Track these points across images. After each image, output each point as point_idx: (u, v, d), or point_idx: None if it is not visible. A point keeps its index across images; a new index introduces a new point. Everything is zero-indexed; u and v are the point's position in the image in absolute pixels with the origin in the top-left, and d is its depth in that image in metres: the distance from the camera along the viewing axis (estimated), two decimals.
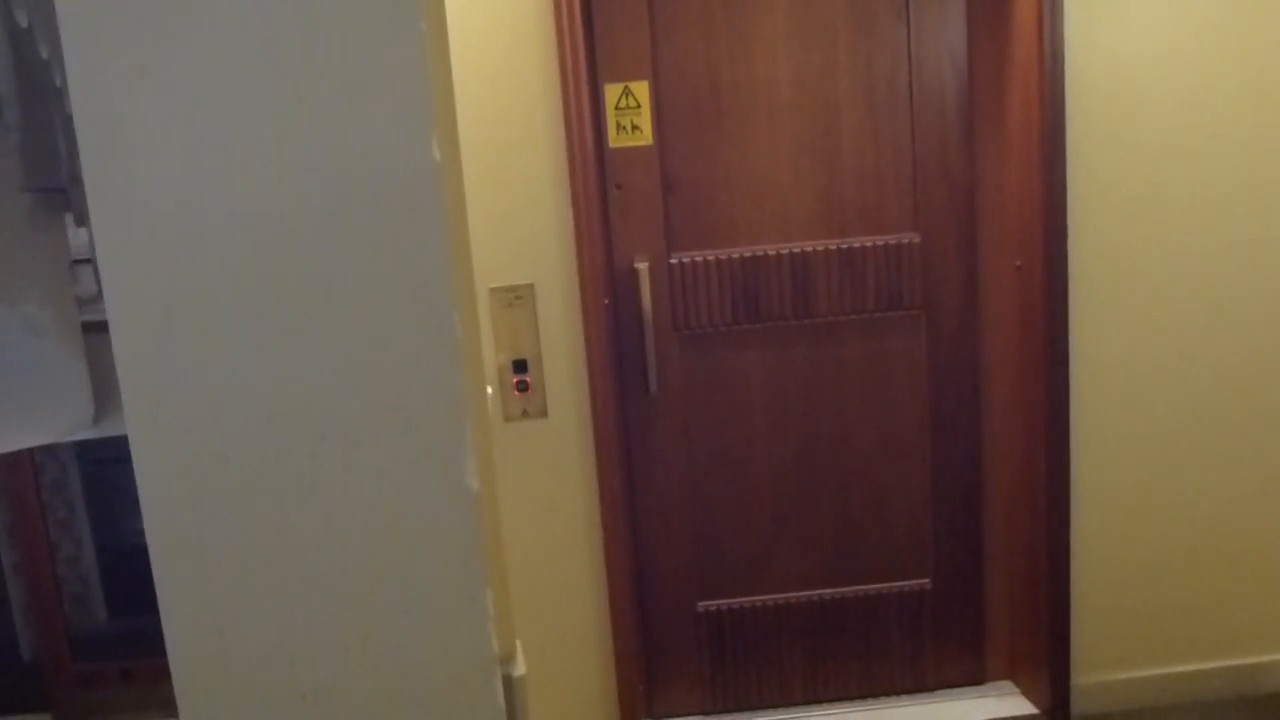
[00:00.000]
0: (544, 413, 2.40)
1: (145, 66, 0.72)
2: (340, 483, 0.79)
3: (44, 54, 1.35)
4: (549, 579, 2.46)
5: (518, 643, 1.03)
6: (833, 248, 2.48)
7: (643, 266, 2.42)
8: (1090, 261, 2.41)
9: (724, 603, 2.62)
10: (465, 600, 0.83)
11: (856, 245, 2.48)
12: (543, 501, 2.43)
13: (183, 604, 0.82)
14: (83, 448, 3.32)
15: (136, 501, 0.80)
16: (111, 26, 0.73)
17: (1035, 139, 2.36)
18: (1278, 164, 2.40)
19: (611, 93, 2.39)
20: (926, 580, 2.64)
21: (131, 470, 0.81)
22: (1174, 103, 2.37)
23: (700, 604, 2.62)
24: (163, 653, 0.84)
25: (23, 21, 1.23)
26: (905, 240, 2.50)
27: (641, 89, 2.39)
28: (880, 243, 2.49)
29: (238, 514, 0.79)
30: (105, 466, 3.45)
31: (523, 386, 2.37)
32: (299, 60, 0.70)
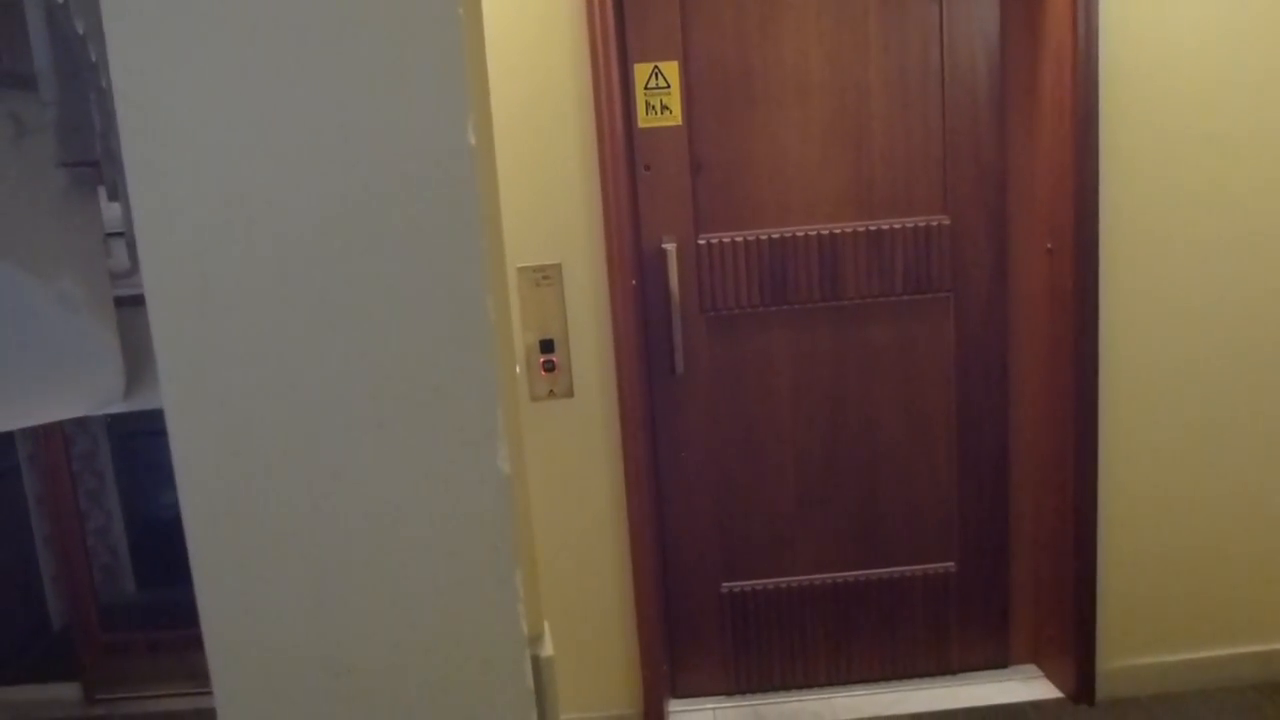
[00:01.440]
0: (570, 393, 2.41)
1: (186, 46, 0.73)
2: (372, 464, 0.80)
3: (80, 29, 1.36)
4: (574, 559, 2.47)
5: (545, 624, 1.04)
6: (861, 230, 2.47)
7: (670, 247, 2.42)
8: (1122, 246, 2.39)
9: (748, 584, 2.63)
10: (495, 582, 0.83)
11: (885, 227, 2.47)
12: (568, 482, 2.44)
13: (216, 580, 0.83)
14: (113, 420, 3.36)
15: (167, 474, 0.81)
16: (153, 5, 0.74)
17: (1068, 121, 2.33)
18: None
19: (641, 73, 2.38)
20: (952, 563, 2.64)
21: (162, 443, 0.82)
22: (1210, 88, 2.34)
23: (724, 585, 2.62)
24: (190, 624, 0.85)
25: None
26: (934, 222, 2.48)
27: (671, 69, 2.38)
28: (909, 225, 2.48)
29: (271, 492, 0.80)
30: (136, 439, 3.49)
31: (549, 366, 2.38)
32: (337, 44, 0.70)
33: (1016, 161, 2.48)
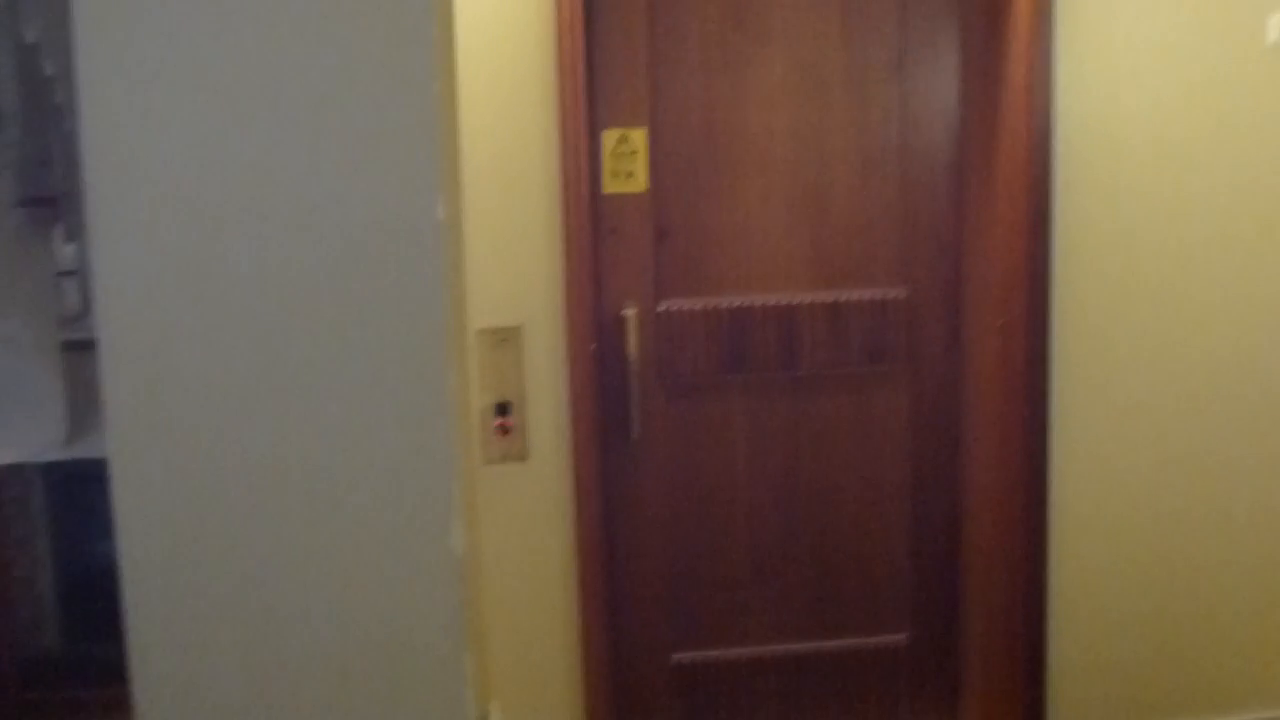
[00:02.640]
0: (524, 456, 2.38)
1: (161, 105, 0.71)
2: (322, 539, 0.78)
3: (48, 71, 1.34)
4: (520, 625, 2.43)
5: (494, 702, 1.02)
6: (820, 301, 2.48)
7: (631, 313, 2.42)
8: (1073, 322, 2.42)
9: (700, 654, 2.59)
10: (444, 665, 0.81)
11: (843, 299, 2.49)
12: (518, 547, 2.40)
13: (152, 643, 0.80)
14: (49, 464, 3.26)
15: (104, 522, 0.78)
16: (130, 62, 0.72)
17: (1022, 199, 2.38)
18: (1263, 226, 2.43)
19: (609, 138, 2.40)
20: (904, 635, 2.63)
21: (101, 490, 0.79)
22: (1161, 168, 2.40)
23: (675, 656, 2.59)
24: (119, 682, 0.81)
25: (30, 37, 1.22)
26: (892, 295, 2.50)
27: (639, 136, 2.40)
28: (867, 297, 2.50)
29: (217, 560, 0.77)
30: (72, 484, 3.39)
31: (504, 429, 2.36)
32: (312, 113, 0.70)
33: (972, 237, 2.52)
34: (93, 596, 3.38)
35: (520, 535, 2.40)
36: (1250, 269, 2.44)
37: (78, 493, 3.42)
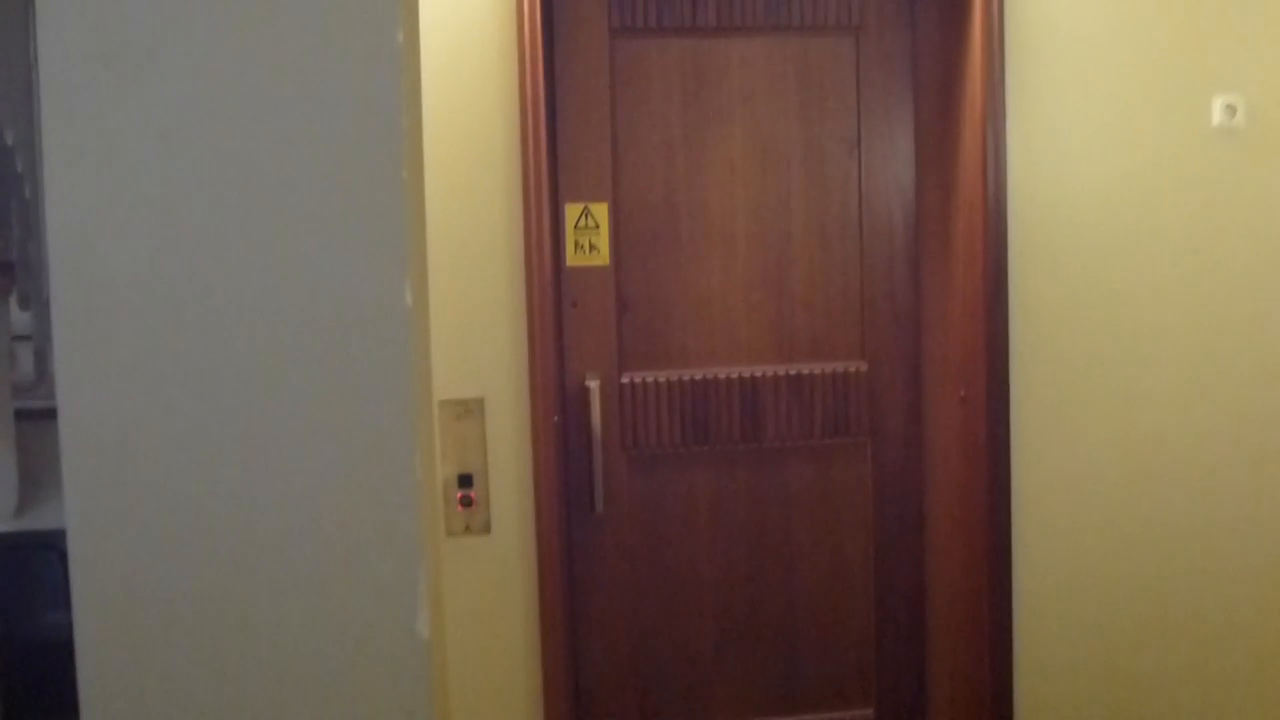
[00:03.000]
0: (487, 529, 2.37)
1: (128, 183, 0.72)
2: (285, 621, 0.77)
3: (8, 140, 1.34)
4: (484, 702, 2.39)
5: None
6: (782, 373, 2.51)
7: (594, 385, 2.42)
8: (1033, 393, 2.46)
9: None
10: None
11: (805, 372, 2.51)
12: (480, 621, 2.37)
13: None
14: None
15: (52, 594, 0.77)
16: (97, 141, 0.73)
17: (978, 271, 2.42)
18: (1213, 302, 2.49)
19: (571, 212, 2.43)
20: (870, 710, 2.61)
21: (49, 562, 0.78)
22: (1110, 245, 2.46)
23: None
24: None
25: None
26: (852, 368, 2.53)
27: (601, 210, 2.43)
28: (828, 370, 2.52)
29: (178, 641, 0.76)
30: (21, 555, 3.31)
31: (466, 501, 2.34)
32: (280, 199, 0.70)
33: (931, 311, 2.56)
34: (38, 670, 3.28)
35: (483, 609, 2.37)
36: (1198, 345, 2.50)
37: (25, 564, 3.34)
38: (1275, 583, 2.57)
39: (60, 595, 2.48)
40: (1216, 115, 2.43)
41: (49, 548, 2.36)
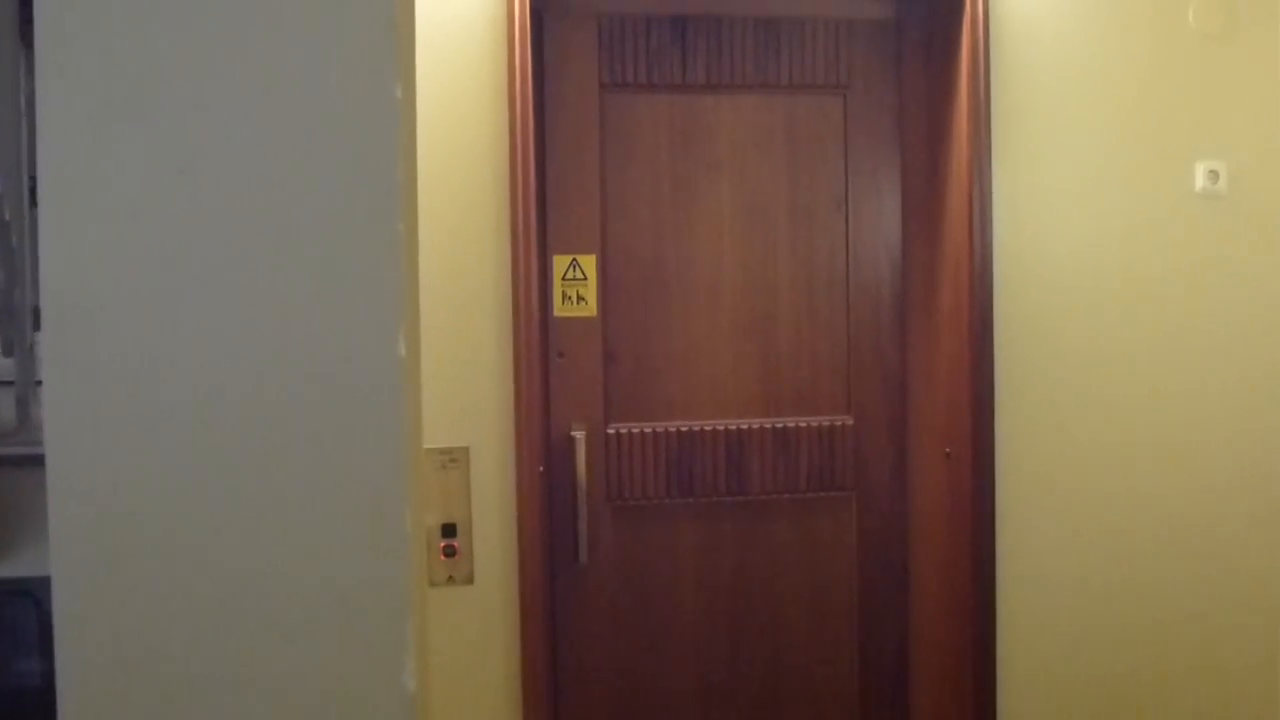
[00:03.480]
0: (470, 579, 2.35)
1: (120, 232, 0.72)
2: (272, 673, 0.76)
3: None
4: None
5: None
6: (767, 426, 2.51)
7: (580, 435, 2.42)
8: (1018, 450, 2.47)
9: None
10: None
11: (790, 425, 2.52)
12: (462, 671, 2.35)
13: None
14: None
15: (26, 642, 0.76)
16: (91, 183, 0.73)
17: (964, 330, 2.44)
18: (1198, 360, 2.51)
19: (560, 263, 2.44)
20: None
21: (24, 609, 0.77)
22: (1096, 302, 2.48)
23: None
24: None
25: None
26: (838, 422, 2.54)
27: (589, 262, 2.44)
28: (814, 423, 2.53)
29: (162, 693, 0.75)
30: None
31: (450, 551, 2.33)
32: (276, 250, 0.71)
33: (917, 366, 2.57)
34: (13, 716, 3.22)
35: (465, 659, 2.35)
36: (1179, 405, 2.52)
37: (2, 612, 3.29)
38: (1258, 634, 2.57)
39: (36, 643, 2.44)
40: (1199, 180, 2.47)
41: (25, 594, 2.33)
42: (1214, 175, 2.47)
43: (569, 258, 2.44)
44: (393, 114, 0.73)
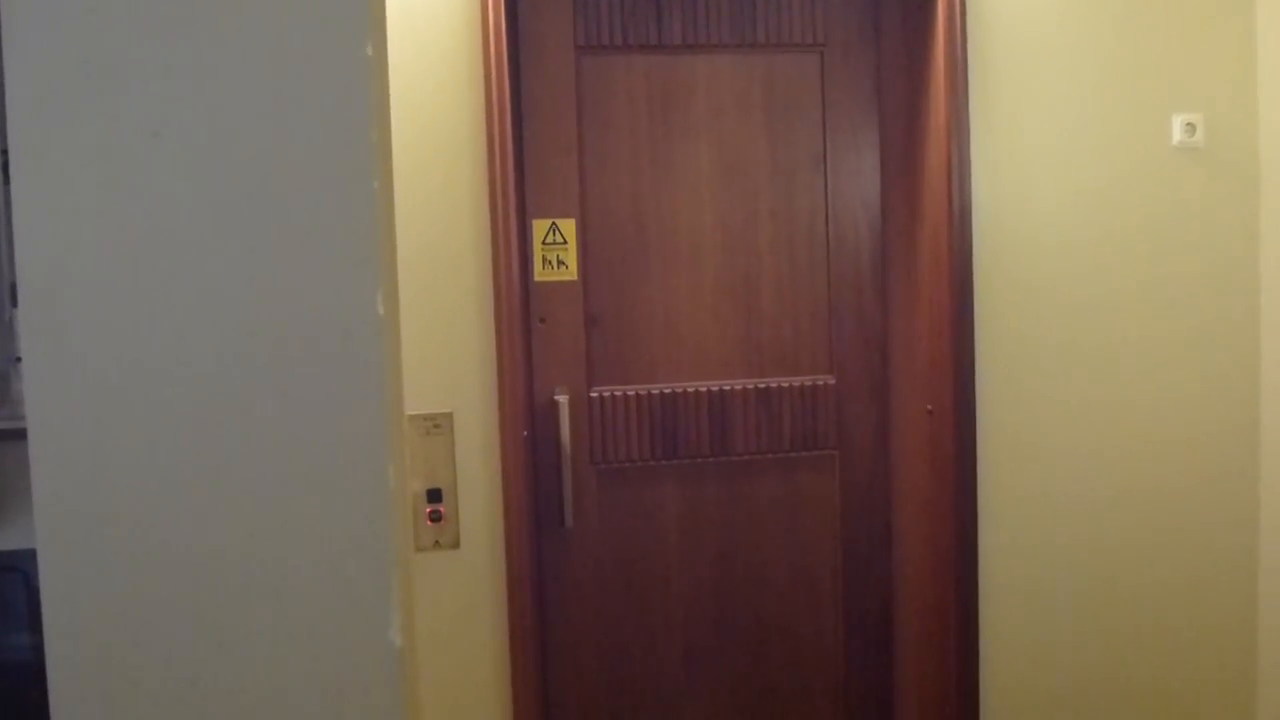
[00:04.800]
0: (456, 544, 2.36)
1: (96, 196, 0.72)
2: (259, 631, 0.77)
3: None
4: (450, 715, 2.38)
5: None
6: (750, 387, 2.52)
7: (563, 399, 2.43)
8: (999, 404, 2.49)
9: None
10: None
11: (773, 385, 2.53)
12: (449, 636, 2.37)
13: None
14: None
15: (13, 616, 0.76)
16: (64, 155, 0.73)
17: (944, 287, 2.45)
18: (1173, 317, 2.53)
19: (539, 228, 2.43)
20: None
21: (8, 583, 0.77)
22: (1071, 262, 2.49)
23: None
24: None
25: None
26: (820, 382, 2.55)
27: (569, 226, 2.44)
28: (796, 383, 2.54)
29: (150, 655, 0.76)
30: None
31: (435, 517, 2.34)
32: (252, 211, 0.71)
33: (897, 325, 2.58)
34: (6, 692, 3.23)
35: (452, 624, 2.36)
36: (1157, 359, 2.54)
37: None
38: (1235, 585, 2.61)
39: (24, 617, 2.45)
40: (1176, 133, 2.48)
41: (12, 569, 2.33)
42: (1191, 128, 2.48)
43: (548, 222, 2.44)
44: (364, 72, 0.73)
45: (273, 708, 0.77)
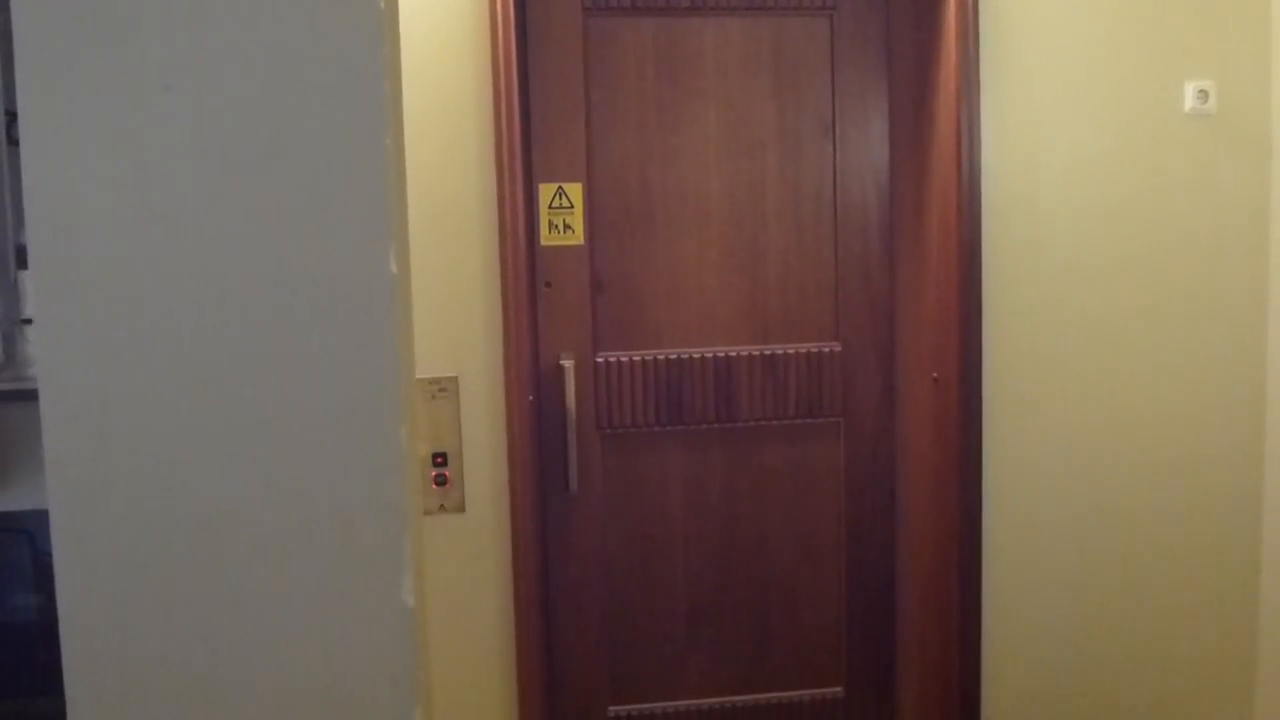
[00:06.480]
0: (461, 508, 2.36)
1: (108, 155, 0.71)
2: (271, 590, 0.77)
3: None
4: (457, 679, 2.39)
5: None
6: (756, 353, 2.51)
7: (568, 364, 2.42)
8: (1005, 373, 2.48)
9: (637, 707, 2.57)
10: (394, 719, 0.80)
11: (779, 352, 2.52)
12: (454, 599, 2.38)
13: (93, 705, 0.77)
14: None
15: (19, 576, 0.76)
16: (75, 110, 0.72)
17: (952, 254, 2.44)
18: (1183, 285, 2.52)
19: (546, 192, 2.42)
20: (840, 688, 2.64)
21: (15, 544, 0.77)
22: (1082, 229, 2.48)
23: (612, 708, 2.57)
24: None
25: None
26: (826, 349, 2.55)
27: (575, 190, 2.42)
28: (802, 350, 2.53)
29: (163, 614, 0.76)
30: None
31: (441, 480, 2.34)
32: (265, 168, 0.70)
33: (904, 292, 2.57)
34: (11, 651, 3.25)
35: (457, 587, 2.37)
36: (1168, 328, 2.53)
37: None
38: (1238, 562, 2.61)
39: (28, 578, 2.45)
40: (1189, 100, 2.46)
41: (17, 530, 2.33)
42: (1204, 95, 2.45)
43: (555, 186, 2.42)
44: (377, 25, 0.72)
45: (286, 668, 0.77)
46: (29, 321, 1.88)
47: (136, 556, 0.75)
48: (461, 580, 2.37)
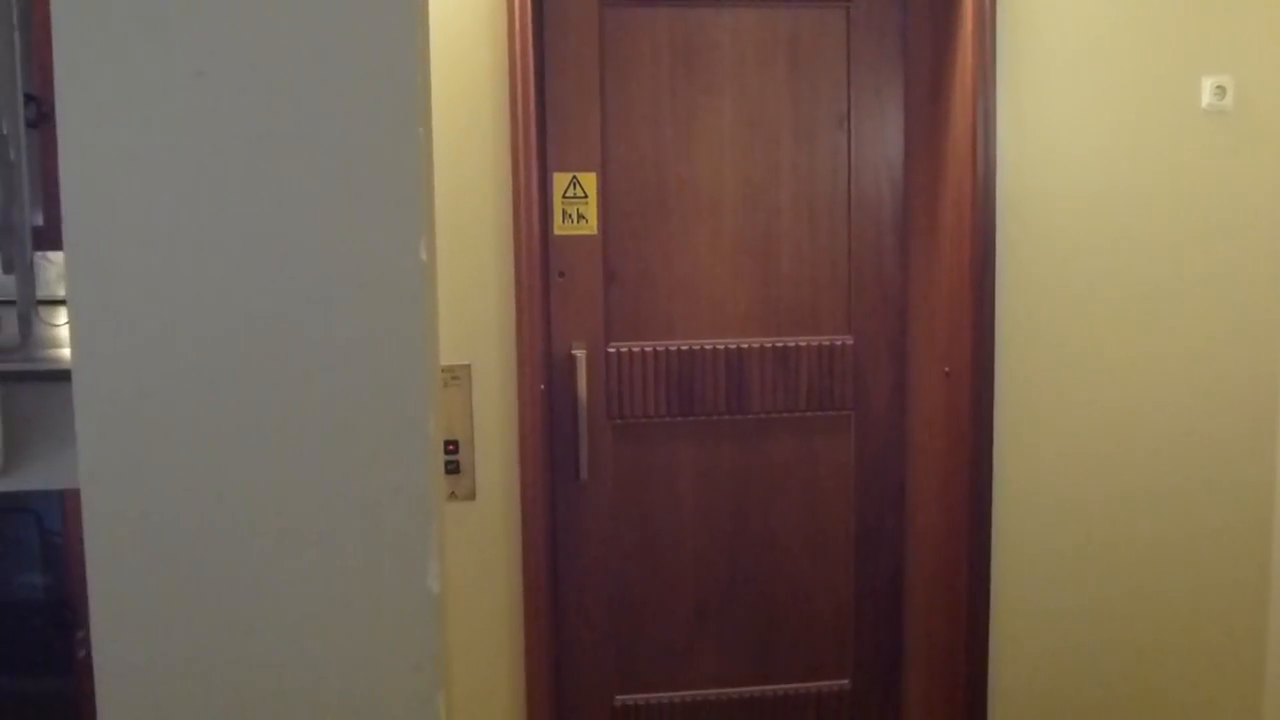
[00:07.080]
0: (472, 495, 2.37)
1: (139, 141, 0.71)
2: (299, 577, 0.77)
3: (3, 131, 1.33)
4: (465, 665, 2.40)
5: None
6: (767, 345, 2.52)
7: (580, 354, 2.42)
8: (1018, 367, 2.48)
9: (643, 697, 2.58)
10: (419, 704, 0.80)
11: (791, 344, 2.52)
12: (463, 586, 2.38)
13: (121, 687, 0.78)
14: None
15: (34, 555, 0.77)
16: (109, 94, 0.72)
17: (966, 249, 2.43)
18: (1199, 281, 2.51)
19: (560, 182, 2.42)
20: (846, 681, 2.64)
21: (31, 523, 0.78)
22: (1098, 224, 2.47)
23: (619, 698, 2.58)
24: (43, 717, 0.79)
25: None
26: (838, 342, 2.55)
27: (589, 180, 2.42)
28: (814, 343, 2.53)
29: (191, 597, 0.76)
30: (3, 516, 3.27)
31: (452, 467, 2.34)
32: (300, 155, 0.70)
33: (917, 286, 2.57)
34: (13, 630, 3.26)
35: (466, 574, 2.38)
36: (1182, 323, 2.52)
37: (7, 525, 3.31)
38: (1249, 556, 2.61)
39: (37, 558, 2.46)
40: (1206, 96, 2.45)
41: (27, 510, 2.34)
42: (1221, 91, 2.44)
43: (569, 175, 2.42)
44: (411, 15, 0.72)
45: (313, 653, 0.78)
46: (45, 303, 1.88)
47: (167, 540, 0.75)
48: (471, 567, 2.38)
